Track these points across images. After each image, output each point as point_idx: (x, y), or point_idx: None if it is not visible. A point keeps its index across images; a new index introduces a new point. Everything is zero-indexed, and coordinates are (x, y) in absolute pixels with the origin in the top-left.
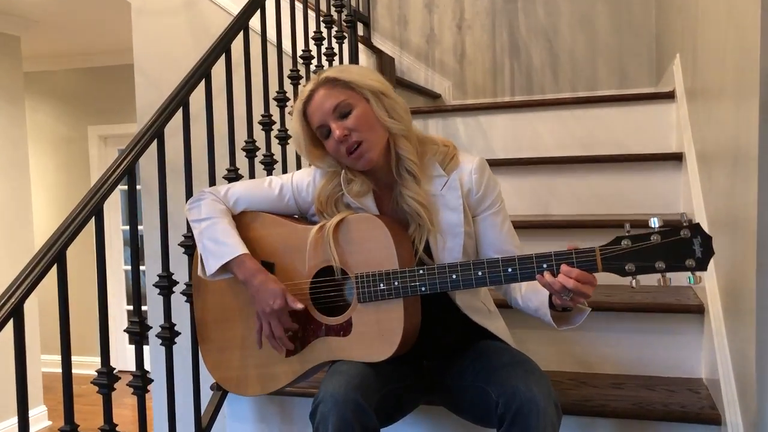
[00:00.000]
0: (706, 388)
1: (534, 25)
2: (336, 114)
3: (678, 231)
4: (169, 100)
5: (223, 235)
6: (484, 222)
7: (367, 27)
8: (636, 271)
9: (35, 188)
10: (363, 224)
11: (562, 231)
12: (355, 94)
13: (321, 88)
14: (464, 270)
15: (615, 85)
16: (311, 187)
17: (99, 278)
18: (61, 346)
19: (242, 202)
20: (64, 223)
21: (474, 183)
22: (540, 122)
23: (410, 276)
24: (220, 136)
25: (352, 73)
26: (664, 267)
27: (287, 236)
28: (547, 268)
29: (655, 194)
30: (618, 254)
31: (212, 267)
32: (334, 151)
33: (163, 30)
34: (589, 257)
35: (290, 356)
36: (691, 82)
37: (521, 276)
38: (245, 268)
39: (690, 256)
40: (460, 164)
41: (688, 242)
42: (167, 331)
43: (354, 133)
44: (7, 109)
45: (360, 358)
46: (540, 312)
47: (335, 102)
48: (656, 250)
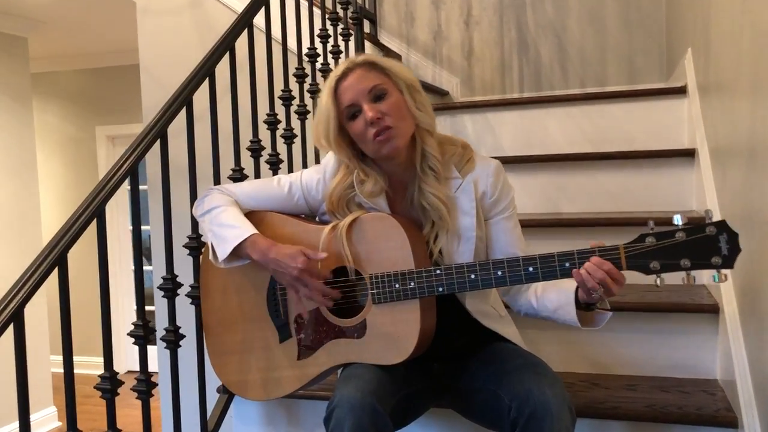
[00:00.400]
0: (721, 389)
1: (542, 21)
2: (371, 95)
3: (703, 228)
4: (172, 99)
5: (232, 220)
6: (495, 226)
7: (373, 24)
8: (661, 269)
9: (43, 188)
10: (377, 223)
11: (573, 230)
12: (391, 82)
13: (358, 68)
14: (483, 269)
15: (625, 80)
16: (321, 185)
17: (101, 282)
18: (63, 351)
19: (251, 201)
20: (66, 226)
21: (489, 186)
22: (549, 119)
23: (427, 276)
24: (225, 136)
25: (390, 61)
26: (690, 265)
27: (298, 236)
28: (570, 267)
29: (666, 191)
30: (643, 252)
31: (224, 251)
32: (360, 133)
33: (169, 29)
34: (614, 255)
35: (303, 359)
36: (703, 77)
37: (543, 275)
38: (258, 247)
39: (716, 253)
40: (476, 167)
41: (713, 239)
42: (172, 334)
43: (386, 118)
44: (15, 109)
45: (374, 360)
46: (560, 312)
47: (372, 84)
48: (681, 247)
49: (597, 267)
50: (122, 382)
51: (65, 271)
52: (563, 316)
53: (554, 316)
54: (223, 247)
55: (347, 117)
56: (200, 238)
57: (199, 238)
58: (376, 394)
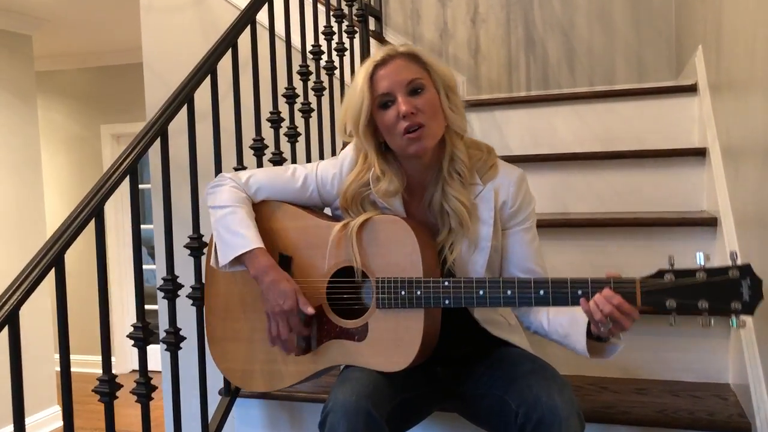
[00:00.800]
0: (734, 394)
1: (550, 18)
2: (408, 88)
3: (726, 270)
4: (172, 97)
5: (239, 226)
6: (512, 237)
7: (378, 21)
8: (677, 309)
9: (48, 187)
10: (389, 226)
11: (581, 230)
12: (429, 78)
13: (399, 57)
14: (492, 287)
15: (633, 78)
16: (336, 180)
17: (99, 283)
18: (60, 353)
19: (263, 192)
20: (63, 226)
21: (510, 196)
22: (557, 117)
23: (434, 287)
24: (228, 134)
25: (432, 57)
26: (708, 307)
27: (308, 231)
28: (582, 295)
29: (676, 191)
30: (660, 289)
31: (225, 258)
32: (391, 125)
33: (172, 27)
34: (629, 288)
35: (300, 355)
36: (715, 75)
37: (554, 300)
38: (257, 264)
39: (736, 298)
40: (499, 174)
41: (735, 283)
42: (172, 336)
43: (420, 114)
44: (20, 107)
45: (372, 366)
46: (570, 340)
47: (411, 76)
48: (701, 288)
49: (606, 300)
50: (121, 385)
51: (62, 273)
52: (572, 344)
53: (564, 342)
54: (225, 253)
55: (378, 105)
56: (201, 239)
57: (200, 238)
58: (371, 398)
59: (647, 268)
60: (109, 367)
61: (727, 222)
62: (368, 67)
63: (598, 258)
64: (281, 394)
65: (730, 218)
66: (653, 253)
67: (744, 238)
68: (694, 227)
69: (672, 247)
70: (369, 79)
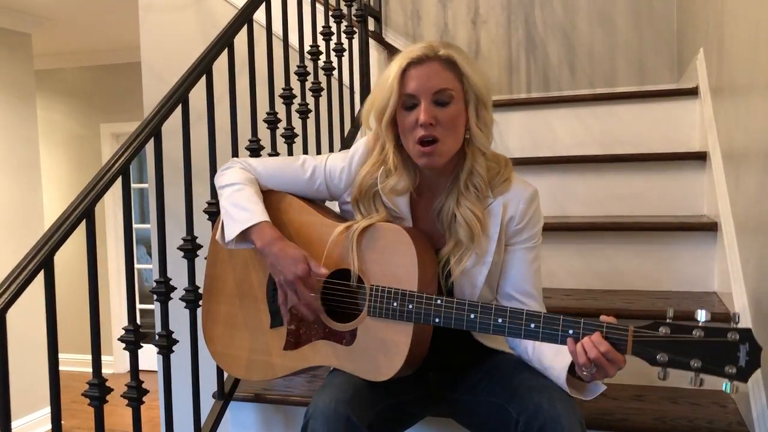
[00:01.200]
0: (733, 401)
1: (551, 20)
2: (435, 97)
3: (725, 332)
4: (167, 97)
5: (246, 202)
6: (514, 254)
7: (378, 22)
8: (668, 363)
9: (47, 186)
10: (390, 234)
11: (580, 234)
12: (461, 90)
13: (435, 60)
14: (484, 312)
15: (634, 81)
16: (345, 175)
17: (90, 285)
18: (49, 356)
19: (271, 181)
20: (53, 227)
21: (519, 212)
22: (557, 120)
23: (427, 303)
24: (225, 135)
25: (473, 67)
26: (700, 367)
27: (312, 227)
28: (573, 335)
29: (676, 195)
30: (653, 340)
31: (232, 232)
32: (408, 128)
33: (171, 26)
34: (621, 335)
35: (288, 350)
36: (716, 78)
37: (543, 335)
38: (264, 236)
39: (732, 362)
40: (511, 189)
41: (733, 347)
42: (164, 339)
43: (438, 128)
44: (18, 106)
45: (356, 372)
46: (550, 372)
47: (442, 85)
48: (695, 346)
49: (593, 345)
50: (111, 389)
51: (51, 274)
52: (552, 377)
53: (545, 372)
54: (232, 227)
55: (402, 104)
56: (196, 240)
57: (194, 240)
58: (350, 403)
59: (646, 273)
60: (98, 371)
61: (727, 227)
62: (402, 63)
63: (597, 262)
64: (275, 397)
65: (730, 223)
66: (653, 258)
67: (744, 244)
68: (694, 232)
69: (672, 251)
70: (401, 75)
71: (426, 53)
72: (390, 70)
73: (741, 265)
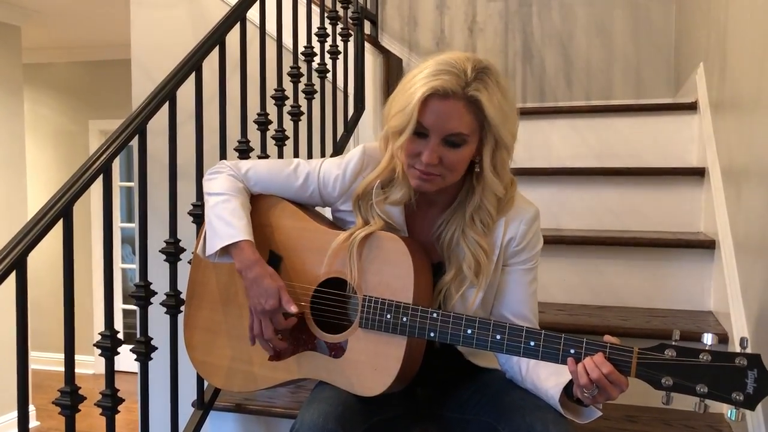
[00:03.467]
0: (728, 425)
1: (548, 30)
2: (446, 138)
3: (733, 357)
4: (153, 94)
5: (231, 215)
6: (511, 275)
7: (374, 25)
8: (672, 388)
9: (34, 181)
10: (387, 244)
11: (574, 248)
12: (479, 134)
13: (461, 100)
14: (482, 328)
15: (631, 94)
16: (339, 182)
17: (65, 289)
18: (18, 360)
19: (262, 186)
20: (26, 227)
21: (519, 233)
22: (552, 131)
23: (422, 316)
24: (215, 135)
25: (501, 112)
26: (706, 392)
27: (305, 234)
28: (574, 355)
29: (673, 211)
30: (658, 363)
31: (212, 247)
32: (409, 155)
33: (162, 22)
34: (625, 357)
35: (274, 361)
36: (717, 93)
37: (543, 354)
38: (243, 257)
39: (739, 389)
40: (512, 209)
41: (741, 372)
42: (143, 346)
43: (441, 167)
44: (5, 99)
45: (345, 386)
46: (543, 393)
47: (459, 129)
48: (702, 371)
49: (595, 365)
50: (84, 397)
51: (24, 276)
52: (547, 396)
53: (537, 393)
54: (213, 241)
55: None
56: (179, 243)
57: (177, 243)
58: (340, 420)
59: (641, 289)
60: (71, 378)
61: (726, 246)
62: (425, 90)
63: (592, 277)
64: (257, 408)
65: (729, 242)
66: (648, 274)
67: (745, 263)
68: (690, 249)
69: (668, 268)
70: (421, 103)
71: (453, 89)
72: (413, 92)
73: (740, 286)
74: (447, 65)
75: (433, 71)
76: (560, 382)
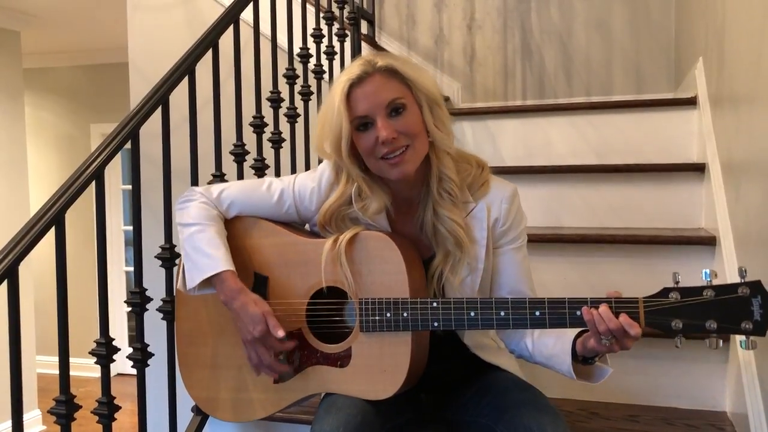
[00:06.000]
0: (731, 423)
1: (547, 27)
2: (388, 109)
3: (735, 288)
4: (146, 98)
5: (208, 246)
6: (503, 256)
7: (371, 25)
8: (683, 329)
9: (36, 186)
10: (374, 243)
11: (574, 246)
12: (411, 95)
13: (377, 74)
14: (485, 308)
15: (631, 89)
16: (315, 195)
17: (59, 295)
18: (11, 368)
19: (236, 207)
20: (18, 235)
21: (503, 213)
22: (552, 128)
23: (422, 308)
24: (210, 139)
25: (414, 70)
26: (716, 327)
27: (286, 248)
28: (581, 315)
29: (673, 207)
30: (664, 308)
31: (193, 280)
32: (368, 149)
33: (159, 26)
34: (631, 308)
35: (278, 383)
36: (716, 88)
37: (550, 321)
38: (225, 288)
39: (747, 317)
40: (490, 190)
41: (745, 301)
42: (139, 353)
43: (402, 137)
44: (6, 104)
45: (357, 393)
46: (554, 360)
47: (392, 96)
48: (708, 307)
49: (612, 315)
50: (80, 406)
51: (15, 285)
52: (557, 365)
53: (548, 364)
54: (192, 274)
55: (356, 127)
56: (174, 249)
57: (172, 248)
58: (360, 429)
59: (643, 287)
60: (66, 387)
61: (726, 241)
62: (343, 86)
63: (592, 275)
64: None
65: (729, 238)
66: (649, 271)
67: (745, 259)
68: (691, 246)
69: (669, 265)
70: (345, 99)
71: (365, 69)
72: (333, 96)
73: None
74: (351, 65)
75: (341, 75)
76: (567, 346)
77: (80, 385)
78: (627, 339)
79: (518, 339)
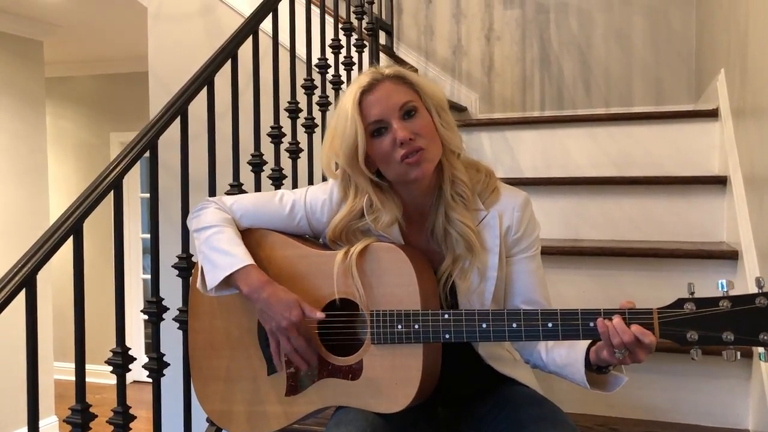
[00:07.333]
0: None
1: (566, 38)
2: (401, 112)
3: (753, 299)
4: (164, 109)
5: (227, 245)
6: (517, 265)
7: (389, 36)
8: (699, 341)
9: (56, 194)
10: (385, 255)
11: (593, 259)
12: (420, 100)
13: (387, 80)
14: (497, 319)
15: (651, 101)
16: (327, 207)
17: (76, 306)
18: (28, 376)
19: (248, 218)
20: (36, 245)
21: (515, 221)
22: (571, 139)
23: (434, 320)
24: (228, 149)
25: (419, 77)
26: (733, 339)
27: (297, 261)
28: (594, 327)
29: (694, 220)
30: (679, 319)
31: (215, 279)
32: (386, 153)
33: (179, 35)
34: (645, 319)
35: (291, 395)
36: (738, 100)
37: (563, 333)
38: (251, 281)
39: (765, 329)
40: (501, 198)
41: (763, 312)
42: (155, 362)
43: (418, 138)
44: (28, 113)
45: (367, 407)
46: (568, 370)
47: (403, 99)
48: (725, 318)
49: (626, 327)
50: (95, 415)
51: (33, 293)
52: (571, 375)
53: (562, 373)
54: (214, 274)
55: (370, 134)
56: (191, 258)
57: (189, 258)
58: None
59: (663, 301)
60: (82, 396)
61: (749, 256)
62: (355, 94)
63: (611, 288)
64: None
65: (752, 252)
66: (669, 285)
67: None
68: (713, 260)
69: (689, 279)
70: (358, 107)
71: (374, 77)
72: (344, 106)
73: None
74: (360, 76)
75: (351, 85)
76: (580, 355)
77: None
78: (640, 350)
79: (532, 349)
